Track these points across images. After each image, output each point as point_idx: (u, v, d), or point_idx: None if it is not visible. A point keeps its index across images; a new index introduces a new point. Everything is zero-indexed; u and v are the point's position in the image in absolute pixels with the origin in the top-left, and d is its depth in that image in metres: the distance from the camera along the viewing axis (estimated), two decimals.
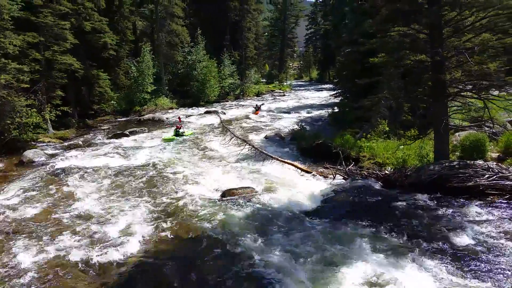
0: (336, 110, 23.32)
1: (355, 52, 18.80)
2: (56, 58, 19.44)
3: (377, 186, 11.02)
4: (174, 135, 19.47)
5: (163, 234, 8.64)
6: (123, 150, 17.04)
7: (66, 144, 18.65)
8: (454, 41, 10.46)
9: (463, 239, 7.66)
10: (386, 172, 11.80)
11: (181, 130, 19.81)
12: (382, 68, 14.11)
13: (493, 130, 13.24)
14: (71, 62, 20.12)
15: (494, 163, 10.36)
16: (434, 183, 9.94)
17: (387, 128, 15.12)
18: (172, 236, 8.56)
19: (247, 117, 27.02)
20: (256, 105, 30.27)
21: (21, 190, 11.67)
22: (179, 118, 22.45)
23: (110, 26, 25.21)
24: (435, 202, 9.42)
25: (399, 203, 9.56)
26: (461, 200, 9.34)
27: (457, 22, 10.28)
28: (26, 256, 7.71)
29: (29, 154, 15.41)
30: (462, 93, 11.03)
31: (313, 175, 12.60)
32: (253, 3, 45.60)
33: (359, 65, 17.55)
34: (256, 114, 27.92)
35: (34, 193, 11.46)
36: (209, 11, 41.48)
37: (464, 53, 9.74)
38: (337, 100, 26.60)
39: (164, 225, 9.05)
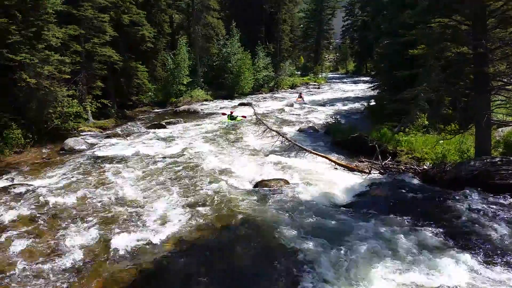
0: (373, 103, 22.76)
1: (394, 43, 18.26)
2: (96, 50, 20.03)
3: (415, 181, 10.67)
4: (229, 119, 21.89)
5: (197, 222, 8.78)
6: (160, 140, 17.43)
7: (105, 133, 19.28)
8: (499, 33, 9.93)
9: (505, 238, 7.30)
10: (425, 167, 11.43)
11: (234, 115, 22.36)
12: (422, 60, 13.65)
13: None
14: (110, 54, 20.68)
15: None
16: (474, 179, 9.53)
17: (426, 122, 14.62)
18: (205, 225, 8.67)
19: (281, 109, 26.89)
20: (300, 93, 34.46)
21: (63, 177, 12.18)
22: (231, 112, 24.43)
23: (147, 19, 25.66)
24: (476, 199, 9.00)
25: (438, 199, 9.24)
26: (504, 197, 8.88)
27: (503, 13, 9.70)
28: (66, 239, 8.05)
29: (70, 142, 16.03)
30: (506, 87, 10.48)
31: (348, 169, 12.36)
32: None
33: (398, 57, 17.07)
34: (298, 101, 30.98)
35: (74, 179, 11.94)
36: (244, 3, 41.45)
37: (510, 45, 9.20)
38: (374, 92, 25.97)
39: (198, 213, 9.19)
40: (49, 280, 6.69)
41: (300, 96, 32.42)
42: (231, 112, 22.88)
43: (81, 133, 18.66)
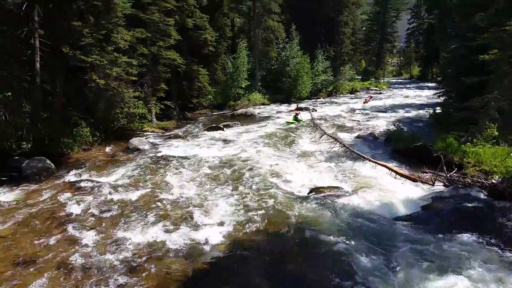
0: (439, 111, 21.55)
1: (463, 48, 17.26)
2: (161, 53, 20.91)
3: (482, 196, 10.00)
4: (293, 120, 22.87)
5: (251, 225, 8.86)
6: (217, 142, 17.83)
7: (167, 134, 20.09)
8: None
9: None
10: (493, 181, 10.64)
11: (299, 117, 23.01)
12: (494, 66, 12.72)
13: None
14: (174, 58, 21.48)
15: None
16: None
17: (496, 133, 13.55)
18: (259, 229, 8.73)
19: (339, 115, 26.35)
20: (370, 96, 36.65)
21: (127, 174, 12.84)
22: (297, 106, 26.93)
23: (210, 23, 26.37)
24: None
25: (506, 216, 8.57)
26: None
27: None
28: (127, 235, 8.50)
29: (134, 141, 16.86)
30: None
31: (410, 179, 11.76)
32: None
33: (467, 62, 16.10)
34: (366, 103, 32.33)
35: (137, 177, 12.55)
36: (305, 5, 41.17)
37: None
38: (440, 99, 24.64)
39: (253, 217, 9.27)
40: (109, 273, 7.06)
41: (368, 100, 33.83)
42: (296, 114, 23.58)
43: (144, 133, 19.59)
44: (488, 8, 10.95)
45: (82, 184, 11.49)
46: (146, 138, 18.10)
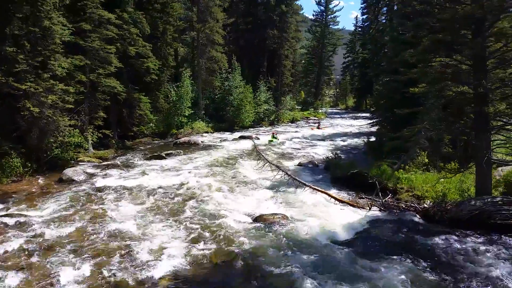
0: (373, 139, 22.85)
1: (394, 81, 18.53)
2: (100, 80, 20.30)
3: (415, 219, 10.64)
4: (272, 138, 27.76)
5: (194, 257, 8.62)
6: (159, 171, 17.34)
7: (104, 163, 19.21)
8: (499, 73, 10.11)
9: (505, 279, 7.17)
10: (425, 205, 11.33)
11: (276, 135, 28.33)
12: (423, 98, 13.78)
13: None
14: (114, 85, 20.93)
15: None
16: (475, 219, 9.51)
17: (426, 160, 14.61)
18: (203, 260, 8.51)
19: (281, 143, 26.98)
20: (318, 122, 40.70)
21: (59, 207, 12.02)
22: (274, 131, 31.94)
23: (153, 52, 26.21)
24: (477, 239, 8.99)
25: (438, 239, 9.16)
26: (505, 238, 8.85)
27: (502, 54, 9.95)
28: (60, 273, 7.85)
29: (68, 172, 15.94)
30: (506, 127, 10.63)
31: (348, 205, 12.25)
32: (292, 31, 46.31)
33: (399, 94, 17.25)
34: (319, 128, 36.54)
35: (71, 211, 11.78)
36: (248, 38, 42.56)
37: (510, 85, 9.37)
38: (374, 129, 26.09)
39: (196, 248, 9.05)
40: None
41: (318, 126, 37.64)
42: (274, 133, 29.52)
43: (80, 163, 18.60)
44: (417, 45, 11.97)
45: (10, 219, 10.57)
46: (81, 169, 17.18)
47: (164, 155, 20.92)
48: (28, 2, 14.78)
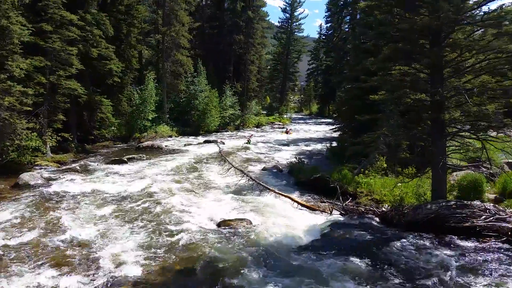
0: (335, 145, 23.42)
1: (356, 88, 19.02)
2: (60, 82, 19.63)
3: (374, 223, 10.98)
4: (247, 142, 29.06)
5: (156, 264, 8.49)
6: (120, 176, 16.96)
7: (63, 168, 18.55)
8: (454, 82, 10.65)
9: (455, 280, 7.54)
10: (383, 209, 11.73)
11: (251, 139, 29.97)
12: (383, 105, 14.30)
13: (491, 171, 13.23)
14: (75, 87, 20.30)
15: (491, 204, 10.30)
16: (431, 222, 9.87)
17: (385, 165, 15.13)
18: (165, 267, 8.39)
19: (246, 148, 27.12)
20: (287, 128, 40.80)
21: (15, 214, 11.49)
22: (251, 134, 33.19)
23: (116, 54, 25.60)
24: (431, 242, 9.35)
25: (395, 241, 9.44)
26: (458, 240, 9.26)
27: (457, 63, 10.51)
28: (15, 283, 7.53)
29: (25, 177, 15.29)
30: (460, 133, 11.14)
31: (310, 209, 12.52)
32: (258, 37, 46.74)
33: (360, 101, 17.72)
34: (288, 133, 37.40)
35: (27, 217, 11.30)
36: (214, 43, 42.54)
37: (463, 94, 9.90)
38: (336, 134, 26.74)
39: (158, 255, 8.92)
40: None
41: (287, 131, 38.38)
42: (250, 136, 31.56)
43: (37, 168, 17.89)
44: (377, 54, 12.36)
45: None
46: (38, 173, 16.50)
47: (125, 159, 20.46)
48: None
